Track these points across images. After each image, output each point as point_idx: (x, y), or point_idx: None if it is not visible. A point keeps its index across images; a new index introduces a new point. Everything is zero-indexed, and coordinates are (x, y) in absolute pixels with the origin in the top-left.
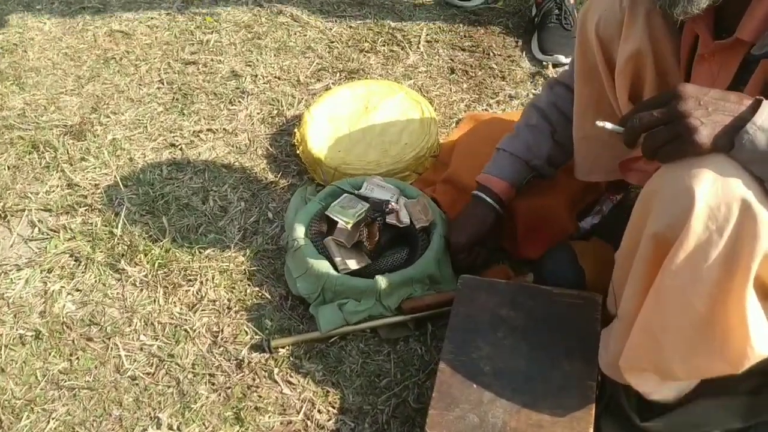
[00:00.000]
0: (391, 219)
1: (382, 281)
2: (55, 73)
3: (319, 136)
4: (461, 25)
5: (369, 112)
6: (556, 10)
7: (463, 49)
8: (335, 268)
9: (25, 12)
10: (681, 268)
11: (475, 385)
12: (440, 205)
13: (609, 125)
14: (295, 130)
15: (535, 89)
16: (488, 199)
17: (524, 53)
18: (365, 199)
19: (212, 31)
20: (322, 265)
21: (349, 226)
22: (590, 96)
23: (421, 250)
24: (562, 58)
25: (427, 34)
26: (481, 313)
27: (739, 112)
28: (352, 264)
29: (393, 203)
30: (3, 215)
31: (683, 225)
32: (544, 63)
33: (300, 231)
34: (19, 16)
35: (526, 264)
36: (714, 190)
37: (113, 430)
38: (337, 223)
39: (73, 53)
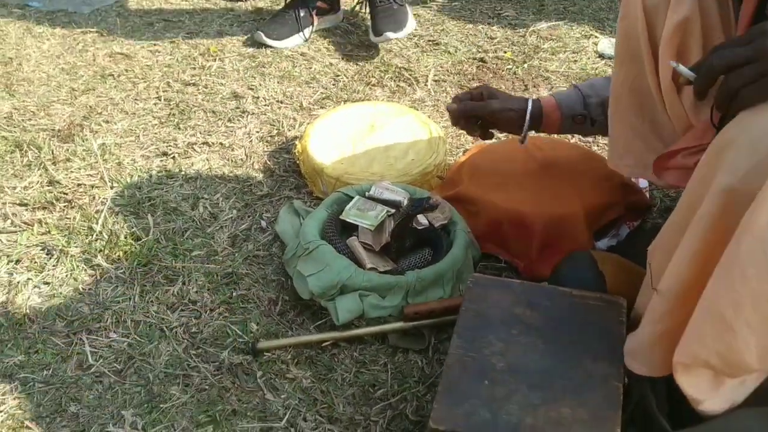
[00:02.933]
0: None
1: (414, 277)
2: (49, 84)
3: (322, 148)
4: (469, 69)
5: (375, 130)
6: None
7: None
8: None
9: (25, 34)
10: (761, 228)
11: (486, 381)
12: None
13: (683, 68)
14: (296, 142)
15: None
16: (529, 100)
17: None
18: (380, 202)
19: (215, 59)
20: (345, 262)
21: (372, 229)
22: (626, 78)
23: (446, 247)
24: (391, 35)
25: (434, 75)
26: (494, 311)
27: None
28: (379, 266)
29: (435, 197)
30: None
31: (765, 173)
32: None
33: (313, 235)
34: (18, 37)
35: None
36: None
37: (67, 426)
38: (352, 228)
39: (69, 68)
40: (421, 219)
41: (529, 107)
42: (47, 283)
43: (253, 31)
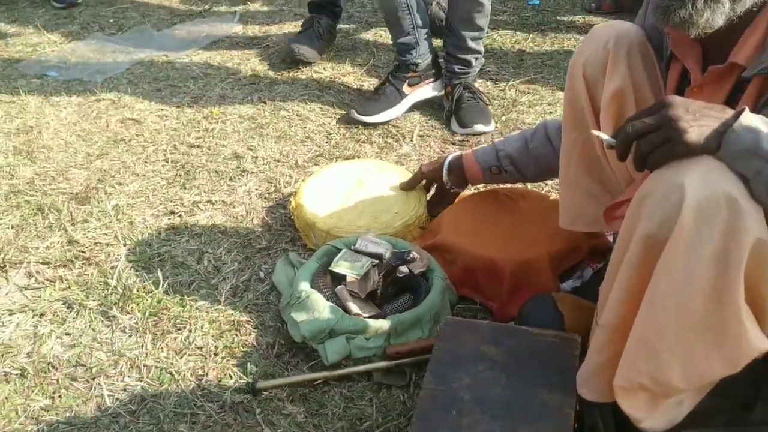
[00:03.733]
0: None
1: (395, 320)
2: (66, 150)
3: (314, 203)
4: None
5: (362, 186)
6: (467, 93)
7: (453, 143)
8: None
9: (44, 103)
10: (674, 268)
11: (454, 412)
12: None
13: (604, 136)
14: (291, 199)
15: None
16: (453, 156)
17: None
18: (365, 254)
19: (218, 122)
20: (333, 309)
21: (359, 278)
22: (576, 142)
23: (425, 292)
24: (481, 127)
25: (420, 130)
26: (463, 349)
27: (725, 118)
28: (364, 311)
29: (414, 252)
30: (2, 266)
31: (674, 222)
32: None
33: (305, 285)
34: (37, 106)
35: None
36: (702, 186)
37: None
38: (340, 277)
39: (85, 135)
40: (402, 268)
41: (447, 159)
42: (68, 334)
43: (252, 94)
